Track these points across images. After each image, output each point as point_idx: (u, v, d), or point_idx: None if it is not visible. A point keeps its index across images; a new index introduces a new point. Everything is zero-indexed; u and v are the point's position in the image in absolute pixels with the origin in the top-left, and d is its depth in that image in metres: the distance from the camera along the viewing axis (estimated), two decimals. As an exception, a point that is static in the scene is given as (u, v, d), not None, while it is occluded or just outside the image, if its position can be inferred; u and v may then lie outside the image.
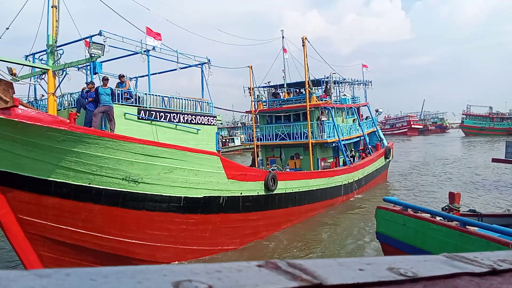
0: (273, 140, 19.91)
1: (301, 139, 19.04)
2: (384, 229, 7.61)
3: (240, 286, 0.58)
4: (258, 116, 21.07)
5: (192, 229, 11.02)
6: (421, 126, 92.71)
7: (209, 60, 12.71)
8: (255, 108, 20.56)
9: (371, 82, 25.99)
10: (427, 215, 6.83)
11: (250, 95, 20.42)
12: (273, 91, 22.21)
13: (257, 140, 20.13)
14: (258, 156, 20.72)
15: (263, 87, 21.96)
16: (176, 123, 11.54)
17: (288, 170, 18.33)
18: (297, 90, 22.76)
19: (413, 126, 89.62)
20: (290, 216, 14.11)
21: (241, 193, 12.02)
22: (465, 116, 78.27)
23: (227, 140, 56.97)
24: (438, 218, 6.65)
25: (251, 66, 19.85)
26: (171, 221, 10.65)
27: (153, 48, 11.38)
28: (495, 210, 14.34)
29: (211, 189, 11.24)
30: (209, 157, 11.12)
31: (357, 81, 24.64)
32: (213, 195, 11.31)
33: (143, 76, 14.26)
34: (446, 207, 7.88)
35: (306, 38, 18.54)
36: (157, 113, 11.13)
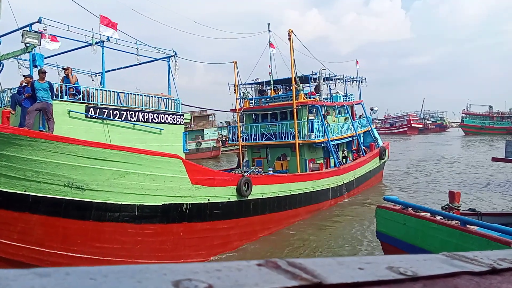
0: (258, 140, 18.31)
1: (288, 139, 17.44)
2: (384, 228, 7.39)
3: (240, 285, 0.57)
4: (244, 115, 19.48)
5: (149, 240, 9.52)
6: (421, 125, 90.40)
7: (175, 53, 11.18)
8: (240, 106, 19.00)
9: (365, 79, 24.30)
10: (428, 214, 6.61)
11: (235, 93, 18.88)
12: (259, 88, 20.58)
13: (243, 140, 18.57)
14: (244, 157, 19.21)
15: (249, 83, 20.36)
16: (134, 122, 10.03)
17: (271, 172, 16.75)
18: (287, 87, 21.14)
19: (413, 125, 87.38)
20: (268, 223, 12.55)
21: (208, 200, 10.49)
22: (465, 115, 76.35)
23: (227, 139, 55.40)
24: (438, 217, 6.44)
25: (236, 62, 18.36)
26: (123, 232, 9.17)
27: (108, 39, 9.86)
28: (495, 209, 13.78)
29: (172, 195, 9.74)
30: (169, 160, 9.61)
31: (350, 77, 22.90)
32: (175, 203, 9.81)
33: (108, 71, 12.78)
34: (446, 206, 7.61)
35: (292, 32, 16.94)
36: (111, 111, 9.63)
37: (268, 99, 19.59)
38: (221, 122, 60.62)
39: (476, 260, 0.82)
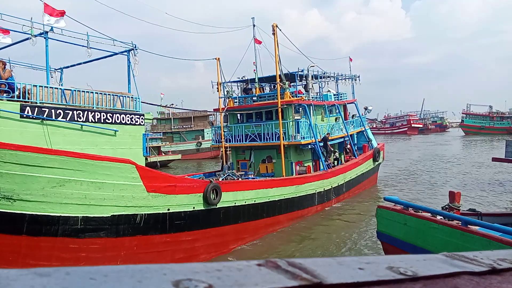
0: (242, 141, 16.92)
1: (273, 140, 16.05)
2: (385, 228, 7.25)
3: (240, 285, 0.56)
4: (228, 114, 18.10)
5: (96, 257, 8.21)
6: (421, 125, 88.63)
7: (135, 46, 9.85)
8: (224, 105, 17.64)
9: (358, 76, 22.81)
10: (428, 214, 6.48)
11: (218, 91, 17.53)
12: (244, 87, 19.18)
13: (226, 141, 17.21)
14: (229, 158, 17.87)
15: (234, 81, 18.96)
16: (82, 123, 8.71)
17: (251, 176, 15.36)
18: (275, 85, 19.74)
19: (413, 125, 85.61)
20: (241, 233, 11.19)
21: (168, 209, 9.16)
22: (465, 115, 74.73)
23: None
24: (439, 217, 6.30)
25: (219, 58, 17.03)
26: (63, 248, 7.88)
27: (51, 29, 8.55)
28: (496, 210, 13.34)
29: (123, 205, 8.42)
30: (120, 166, 8.29)
31: (342, 75, 21.40)
32: (126, 213, 8.50)
33: (67, 66, 11.49)
34: (446, 206, 7.39)
35: (276, 26, 15.56)
36: (53, 110, 8.31)
37: (253, 98, 18.17)
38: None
39: (476, 260, 0.81)
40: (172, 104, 58.28)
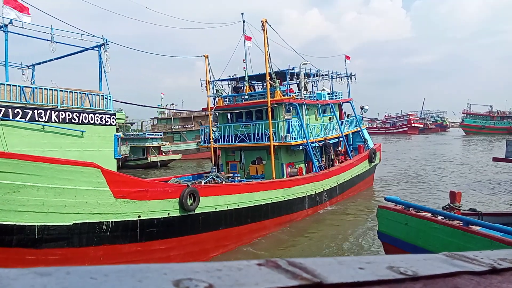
0: (231, 142, 16.13)
1: (262, 140, 15.24)
2: (385, 229, 7.18)
3: (240, 285, 0.55)
4: (218, 114, 17.32)
5: (56, 269, 7.44)
6: (422, 125, 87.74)
7: (106, 40, 9.06)
8: (213, 104, 16.86)
9: (354, 75, 21.92)
10: (429, 215, 6.43)
11: (207, 90, 16.75)
12: (234, 85, 18.38)
13: (215, 142, 16.44)
14: (219, 159, 17.09)
15: (224, 80, 18.17)
16: (43, 123, 7.95)
17: (238, 178, 14.59)
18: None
19: (413, 125, 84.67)
20: (223, 240, 10.41)
21: (139, 216, 8.40)
22: (465, 115, 73.86)
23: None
24: (440, 217, 6.25)
25: (207, 56, 16.24)
26: (19, 259, 7.15)
27: (10, 22, 7.79)
28: (496, 209, 13.26)
29: (87, 213, 7.67)
30: (82, 170, 7.53)
31: (337, 73, 20.53)
32: (91, 221, 7.75)
33: (40, 63, 10.74)
34: (447, 206, 7.33)
35: (266, 22, 14.74)
36: (10, 110, 7.56)
37: (244, 97, 17.34)
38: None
39: (476, 260, 0.80)
40: (173, 104, 57.60)
